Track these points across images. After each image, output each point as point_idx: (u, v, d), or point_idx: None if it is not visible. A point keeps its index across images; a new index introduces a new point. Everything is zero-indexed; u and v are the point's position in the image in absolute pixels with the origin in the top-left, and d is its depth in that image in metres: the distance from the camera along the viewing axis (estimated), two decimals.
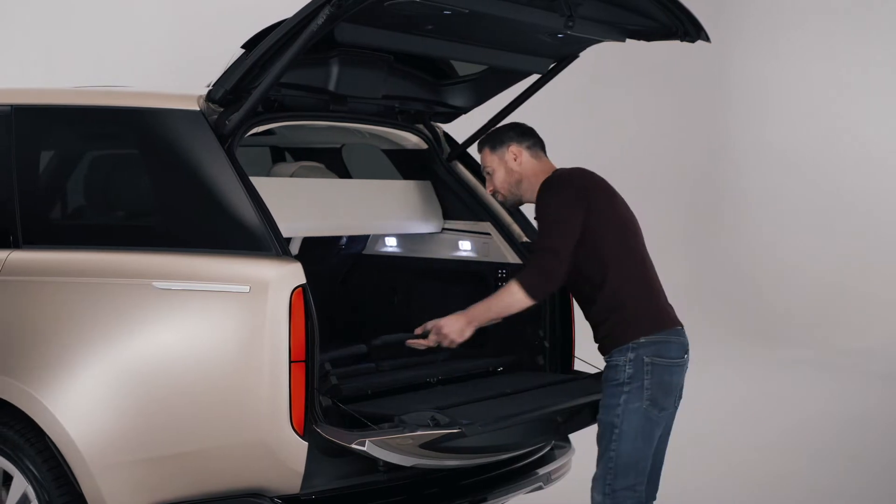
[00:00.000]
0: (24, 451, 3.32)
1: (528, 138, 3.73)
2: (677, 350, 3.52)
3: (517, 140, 3.71)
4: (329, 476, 3.33)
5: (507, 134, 3.73)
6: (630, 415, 3.44)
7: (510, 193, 3.74)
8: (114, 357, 3.24)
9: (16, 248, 3.54)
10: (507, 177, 3.71)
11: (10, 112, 3.68)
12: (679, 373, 3.52)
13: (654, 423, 3.47)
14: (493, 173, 3.74)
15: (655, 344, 3.46)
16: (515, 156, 3.70)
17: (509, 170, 3.70)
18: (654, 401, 3.45)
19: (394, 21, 3.45)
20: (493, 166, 3.73)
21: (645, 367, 3.44)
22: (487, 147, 3.75)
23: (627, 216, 3.65)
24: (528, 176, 3.69)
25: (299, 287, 3.13)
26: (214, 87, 3.38)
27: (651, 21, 3.78)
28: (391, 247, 4.62)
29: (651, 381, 3.44)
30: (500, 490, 3.73)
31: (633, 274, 3.54)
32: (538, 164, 3.71)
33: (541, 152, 3.74)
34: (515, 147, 3.70)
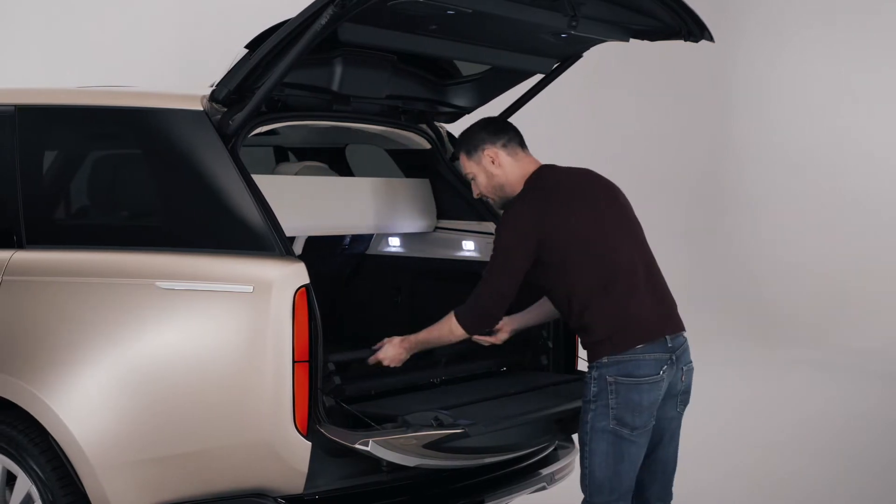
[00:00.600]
0: (27, 450, 3.32)
1: (501, 136, 3.58)
2: (651, 367, 3.36)
3: (491, 140, 3.57)
4: (332, 476, 3.33)
5: (479, 135, 3.59)
6: (597, 433, 3.37)
7: (497, 197, 3.62)
8: (117, 357, 3.24)
9: (19, 248, 3.54)
10: (488, 181, 3.59)
11: (13, 112, 3.68)
12: (653, 390, 3.36)
13: (628, 441, 3.35)
14: (474, 179, 3.62)
15: (620, 364, 3.34)
16: (492, 158, 3.56)
17: (489, 174, 3.58)
18: (621, 420, 3.33)
19: (397, 21, 3.45)
20: (473, 171, 3.61)
21: (609, 386, 3.34)
22: (463, 152, 3.62)
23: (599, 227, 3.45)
24: (510, 177, 3.56)
25: (303, 287, 3.13)
26: (218, 86, 3.38)
27: (655, 21, 3.78)
28: (394, 247, 4.62)
29: (616, 401, 3.33)
30: (504, 490, 3.73)
31: (601, 291, 3.37)
32: (517, 163, 3.57)
33: (518, 148, 3.59)
34: (490, 148, 3.56)
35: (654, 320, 3.42)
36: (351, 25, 3.35)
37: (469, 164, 3.61)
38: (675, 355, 3.43)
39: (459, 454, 3.39)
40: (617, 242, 3.47)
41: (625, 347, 3.35)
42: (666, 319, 3.46)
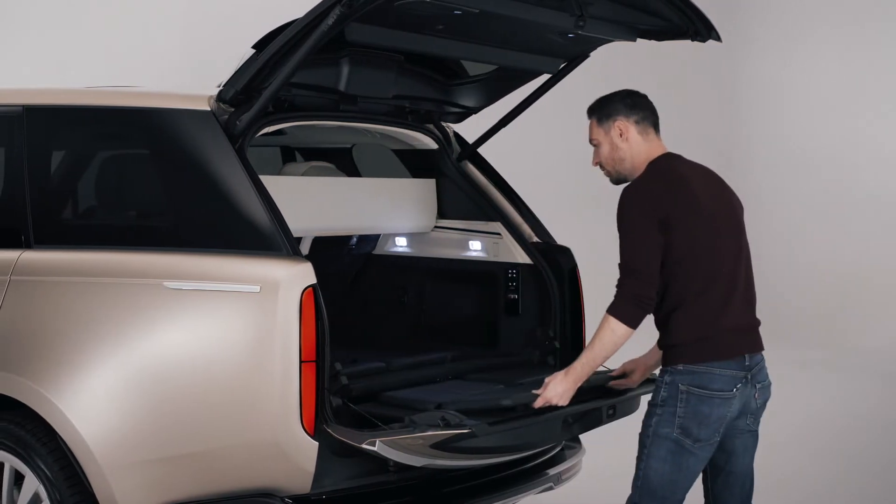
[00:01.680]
0: (35, 450, 3.33)
1: (637, 112, 3.46)
2: (725, 382, 3.26)
3: (625, 113, 3.44)
4: (339, 476, 3.33)
5: (616, 106, 3.45)
6: (658, 439, 3.29)
7: (614, 171, 3.48)
8: (125, 357, 3.25)
9: (27, 248, 3.55)
10: (611, 153, 3.45)
11: (21, 112, 3.69)
12: (723, 406, 3.26)
13: (689, 452, 3.27)
14: (598, 146, 3.48)
15: (695, 374, 3.25)
16: (622, 131, 3.43)
17: (614, 146, 3.44)
18: (686, 430, 3.26)
19: (404, 21, 3.45)
20: (599, 139, 3.47)
21: (680, 394, 3.27)
22: (595, 118, 3.48)
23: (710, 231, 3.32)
24: (634, 154, 3.44)
25: (310, 287, 3.13)
26: (225, 87, 3.39)
27: (662, 20, 3.77)
28: (401, 247, 4.62)
29: (685, 410, 3.25)
30: (511, 490, 3.73)
31: (697, 295, 3.27)
32: (645, 143, 3.44)
33: (650, 128, 3.46)
34: (623, 121, 3.43)
35: (738, 337, 3.33)
36: (358, 25, 3.35)
37: (597, 130, 3.48)
38: (750, 374, 3.34)
39: (466, 454, 3.38)
40: (724, 248, 3.36)
41: (703, 359, 3.27)
42: (750, 339, 3.37)
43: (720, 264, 3.32)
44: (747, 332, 3.36)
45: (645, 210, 3.27)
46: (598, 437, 4.07)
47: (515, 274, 4.19)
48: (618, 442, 3.67)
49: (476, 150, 4.39)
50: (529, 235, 4.20)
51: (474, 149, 4.39)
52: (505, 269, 4.20)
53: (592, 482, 4.74)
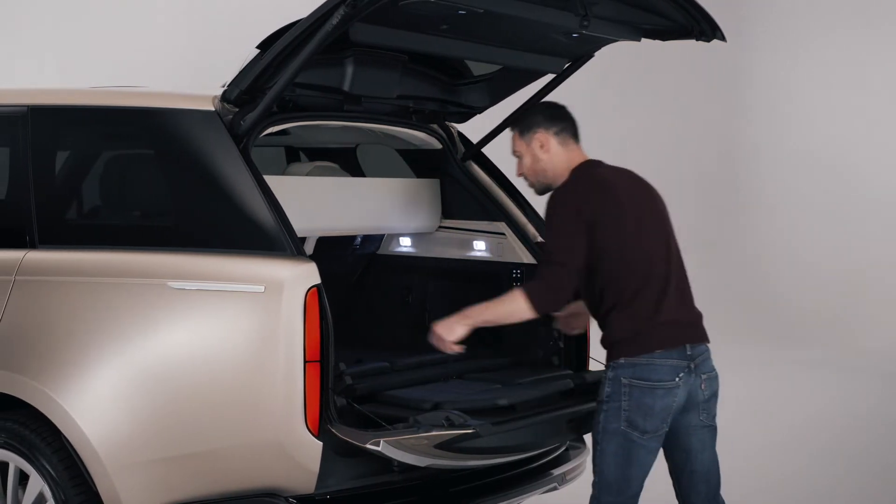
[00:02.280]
0: (40, 450, 3.33)
1: (557, 123, 3.58)
2: (666, 372, 3.35)
3: (545, 125, 3.57)
4: (343, 476, 3.33)
5: (536, 118, 3.59)
6: (608, 434, 3.38)
7: (537, 181, 3.62)
8: (129, 357, 3.25)
9: (32, 248, 3.55)
10: (533, 164, 3.59)
11: (26, 112, 3.69)
12: (666, 396, 3.34)
13: (638, 445, 3.35)
14: (521, 159, 3.63)
15: (636, 366, 3.34)
16: (542, 143, 3.56)
17: (535, 157, 3.57)
18: (633, 423, 3.33)
19: (408, 21, 3.45)
20: (521, 151, 3.61)
21: (623, 388, 3.35)
22: (516, 131, 3.63)
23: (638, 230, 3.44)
24: (556, 164, 3.56)
25: (314, 287, 3.13)
26: (229, 87, 3.39)
27: (666, 20, 3.77)
28: (405, 247, 4.62)
29: (629, 403, 3.33)
30: (515, 490, 3.73)
31: (631, 294, 3.38)
32: (565, 152, 3.57)
33: (570, 139, 3.59)
34: (542, 134, 3.56)
35: (677, 329, 3.41)
36: (362, 25, 3.35)
37: (519, 142, 3.61)
38: (693, 363, 3.41)
39: (470, 454, 3.38)
40: (654, 248, 3.46)
41: (642, 351, 3.35)
42: (690, 330, 3.45)
43: (651, 264, 3.43)
44: (687, 325, 3.45)
45: (571, 212, 3.40)
46: None
47: (520, 274, 4.19)
48: None
49: (480, 149, 4.39)
50: (534, 235, 4.20)
51: (478, 149, 4.39)
52: (509, 269, 4.20)
53: None
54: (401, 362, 3.91)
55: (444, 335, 3.47)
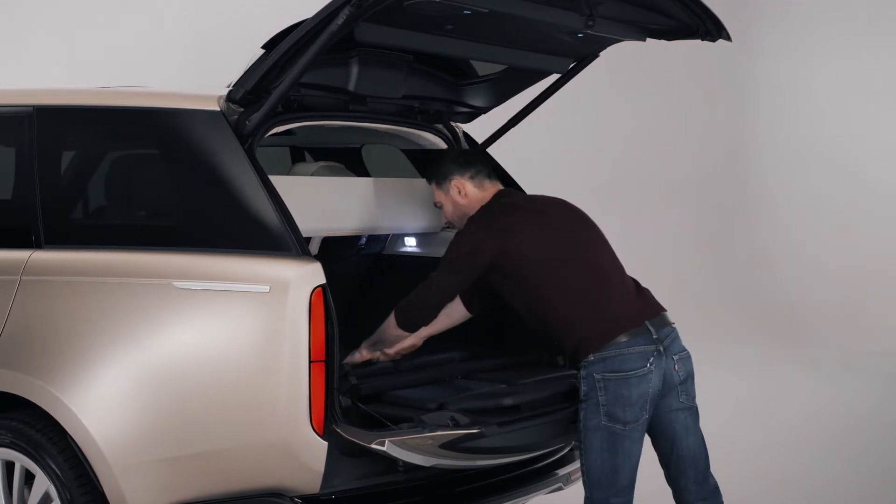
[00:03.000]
0: (46, 450, 3.34)
1: (469, 168, 3.76)
2: (636, 360, 3.41)
3: (459, 172, 3.75)
4: (348, 476, 3.33)
5: (449, 167, 3.77)
6: (590, 431, 3.43)
7: (461, 224, 3.76)
8: (134, 357, 3.25)
9: (38, 248, 3.56)
10: (455, 210, 3.78)
11: (31, 112, 3.70)
12: (641, 384, 3.40)
13: (622, 436, 3.40)
14: (442, 207, 3.83)
15: (606, 360, 3.39)
16: (459, 189, 3.75)
17: (456, 203, 3.77)
18: (612, 416, 3.38)
19: (414, 21, 3.45)
20: (441, 200, 3.81)
21: (597, 383, 3.40)
22: (433, 182, 3.83)
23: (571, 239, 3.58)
24: (474, 206, 3.73)
25: (319, 287, 3.13)
26: (234, 87, 3.39)
27: (672, 20, 3.76)
28: (411, 246, 4.62)
29: (606, 398, 3.39)
30: (520, 490, 3.73)
31: (570, 294, 3.47)
32: (482, 193, 3.74)
33: (485, 180, 3.76)
34: (458, 180, 3.75)
35: (632, 311, 3.49)
36: (367, 25, 3.35)
37: (438, 193, 3.82)
38: (662, 346, 3.47)
39: (475, 454, 3.38)
40: (586, 254, 3.59)
41: (608, 340, 3.41)
42: (643, 306, 3.54)
43: (587, 267, 3.53)
44: (638, 304, 3.54)
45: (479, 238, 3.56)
46: None
47: None
48: None
49: (485, 149, 4.39)
50: None
51: (483, 149, 4.38)
52: None
53: None
54: (405, 362, 3.91)
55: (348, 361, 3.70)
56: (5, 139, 3.89)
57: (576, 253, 3.56)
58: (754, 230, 11.46)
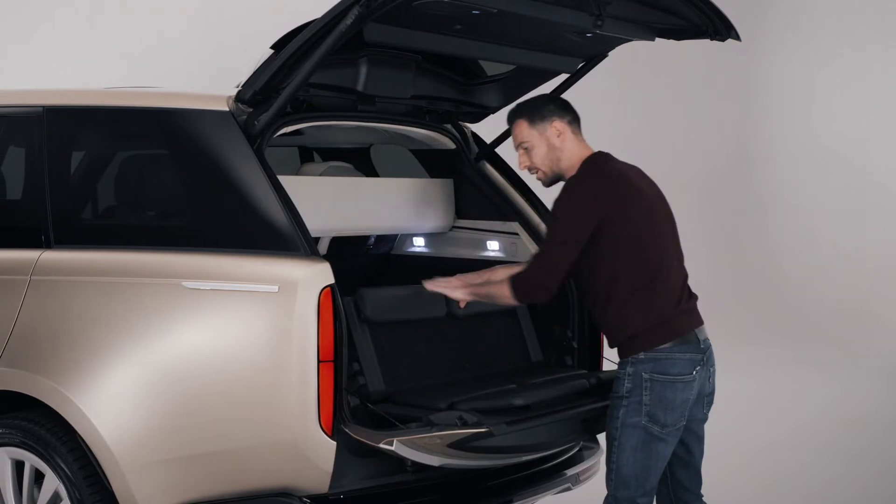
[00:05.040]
0: (55, 449, 3.35)
1: (569, 113, 3.55)
2: (684, 366, 3.38)
3: (559, 115, 3.52)
4: (357, 476, 3.33)
5: (548, 107, 3.54)
6: (628, 429, 3.37)
7: (550, 171, 3.55)
8: (144, 356, 3.26)
9: (47, 247, 3.57)
10: (549, 153, 3.52)
11: (41, 113, 3.71)
12: (685, 389, 3.38)
13: (657, 438, 3.37)
14: (531, 149, 3.53)
15: (656, 361, 3.35)
16: (559, 132, 3.51)
17: (552, 146, 3.51)
18: (653, 417, 3.35)
19: (422, 21, 3.45)
20: (533, 142, 3.53)
21: (644, 382, 3.35)
22: (524, 120, 3.54)
23: (651, 220, 3.46)
24: (570, 154, 3.52)
25: (328, 287, 3.13)
26: (243, 87, 3.39)
27: (681, 20, 3.76)
28: (419, 247, 4.62)
29: (650, 398, 3.35)
30: (529, 491, 3.72)
31: (642, 286, 3.38)
32: (577, 142, 3.54)
33: (579, 130, 3.57)
34: (559, 122, 3.51)
35: (685, 317, 3.44)
36: (376, 25, 3.35)
37: (530, 132, 3.53)
38: (705, 356, 3.45)
39: (484, 454, 3.38)
40: (664, 240, 3.48)
41: (661, 342, 3.36)
42: (693, 313, 3.49)
43: (663, 256, 3.44)
44: (689, 310, 3.48)
45: (582, 199, 3.38)
46: None
47: None
48: None
49: (494, 149, 4.39)
50: None
51: (492, 148, 4.38)
52: None
53: None
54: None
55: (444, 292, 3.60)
56: (15, 139, 3.90)
57: (658, 241, 3.46)
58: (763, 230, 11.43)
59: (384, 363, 3.65)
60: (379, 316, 3.68)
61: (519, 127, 3.56)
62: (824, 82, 11.34)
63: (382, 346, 3.67)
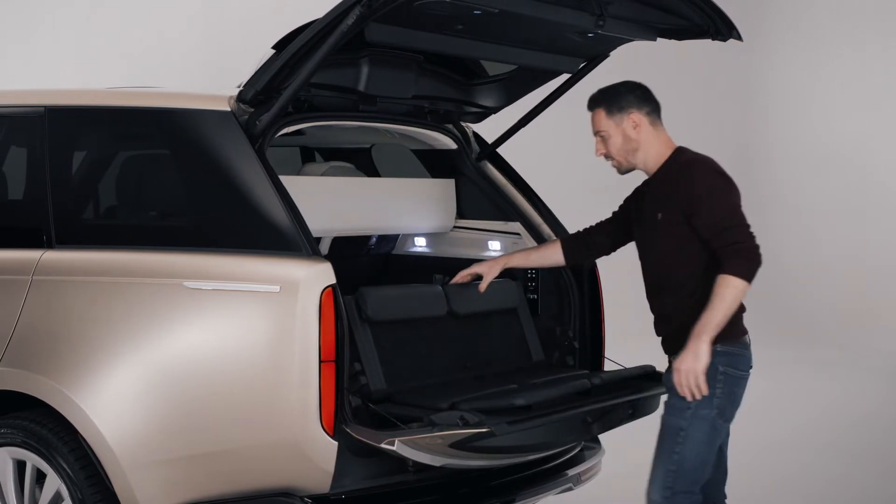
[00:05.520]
0: (57, 449, 3.35)
1: (648, 104, 3.53)
2: (747, 362, 3.46)
3: (637, 106, 3.50)
4: (358, 476, 3.33)
5: (627, 98, 3.51)
6: (699, 421, 3.35)
7: (625, 161, 3.54)
8: (145, 356, 3.26)
9: (49, 248, 3.57)
10: (624, 144, 3.51)
11: (43, 113, 3.71)
12: (744, 386, 3.46)
13: (718, 432, 3.41)
14: (607, 139, 3.52)
15: (730, 355, 3.38)
16: (636, 124, 3.50)
17: (627, 137, 3.50)
18: (722, 411, 3.37)
19: (424, 21, 3.45)
20: (609, 132, 3.51)
21: (718, 375, 3.34)
22: (603, 109, 3.52)
23: None
24: (645, 146, 3.51)
25: (329, 287, 3.14)
26: (245, 87, 3.39)
27: (682, 20, 3.76)
28: (420, 247, 4.63)
29: (722, 391, 3.36)
30: (530, 491, 3.72)
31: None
32: (656, 134, 3.53)
33: (658, 120, 3.55)
34: (636, 114, 3.50)
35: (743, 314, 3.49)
36: (377, 25, 3.35)
37: (607, 122, 3.52)
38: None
39: (486, 454, 3.38)
40: None
41: (739, 336, 3.42)
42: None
43: None
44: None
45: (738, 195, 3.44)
46: (617, 437, 4.06)
47: (534, 274, 4.18)
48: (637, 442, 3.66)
49: (495, 149, 4.39)
50: (549, 235, 4.19)
51: (493, 148, 4.38)
52: (524, 270, 4.20)
53: (612, 483, 4.73)
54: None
55: (696, 367, 3.26)
56: (17, 139, 3.91)
57: None
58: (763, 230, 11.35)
59: (385, 363, 3.65)
60: (380, 315, 3.68)
61: (597, 116, 3.54)
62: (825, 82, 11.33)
63: (384, 346, 3.67)
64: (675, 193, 3.43)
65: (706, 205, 3.36)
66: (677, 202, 3.42)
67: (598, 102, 3.54)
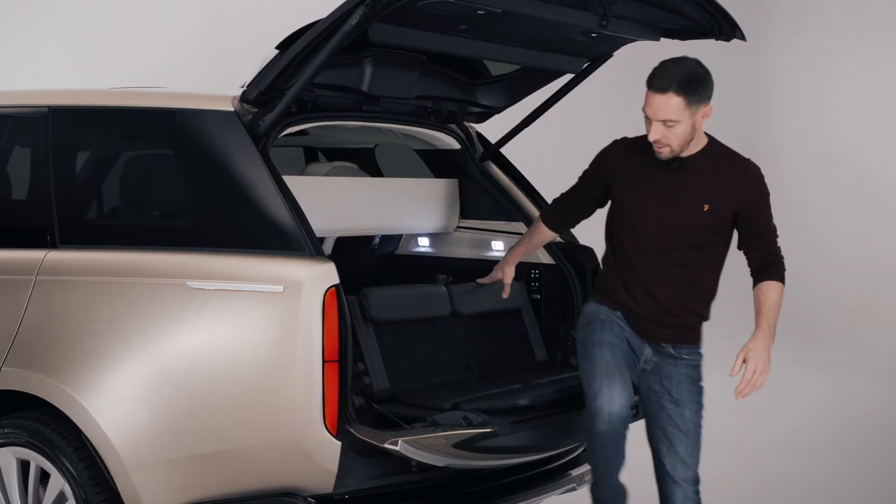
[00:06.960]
0: (61, 449, 3.35)
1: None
2: None
3: (710, 95, 3.40)
4: (362, 476, 3.33)
5: (710, 90, 3.38)
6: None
7: (679, 148, 3.42)
8: (149, 356, 3.26)
9: (53, 247, 3.57)
10: (689, 134, 3.38)
11: (46, 113, 3.71)
12: None
13: None
14: (673, 126, 3.34)
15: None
16: (706, 115, 3.40)
17: (694, 128, 3.39)
18: None
19: (427, 21, 3.45)
20: (681, 118, 3.33)
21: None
22: (683, 96, 3.32)
23: None
24: (699, 135, 3.46)
25: (333, 287, 3.14)
26: (248, 87, 3.40)
27: (686, 20, 3.76)
28: (424, 247, 4.63)
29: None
30: (534, 491, 3.72)
31: None
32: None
33: None
34: (709, 107, 3.40)
35: None
36: (381, 26, 3.35)
37: (684, 112, 3.34)
38: None
39: (489, 454, 3.38)
40: None
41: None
42: None
43: None
44: None
45: None
46: None
47: (538, 274, 4.18)
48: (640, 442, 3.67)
49: (499, 149, 4.39)
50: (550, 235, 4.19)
51: (497, 148, 4.39)
52: (527, 269, 4.20)
53: None
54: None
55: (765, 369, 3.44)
56: (21, 140, 3.91)
57: None
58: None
59: (389, 363, 3.65)
60: (383, 315, 3.68)
61: (671, 101, 3.32)
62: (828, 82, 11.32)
63: (387, 346, 3.67)
64: (730, 191, 3.47)
65: (766, 213, 3.52)
66: (733, 200, 3.46)
67: (680, 89, 3.31)
